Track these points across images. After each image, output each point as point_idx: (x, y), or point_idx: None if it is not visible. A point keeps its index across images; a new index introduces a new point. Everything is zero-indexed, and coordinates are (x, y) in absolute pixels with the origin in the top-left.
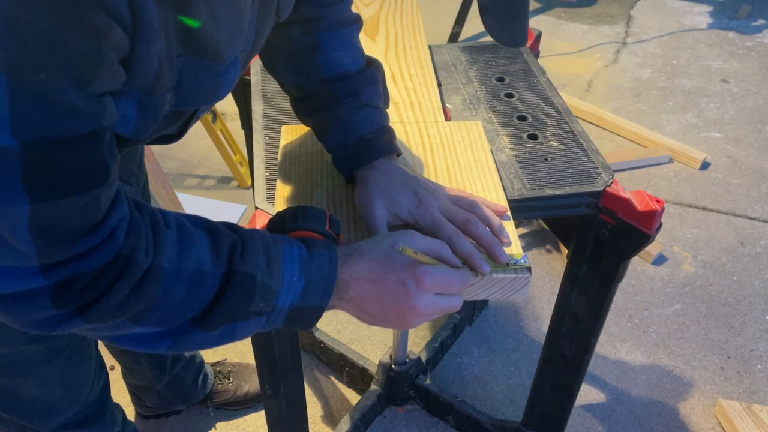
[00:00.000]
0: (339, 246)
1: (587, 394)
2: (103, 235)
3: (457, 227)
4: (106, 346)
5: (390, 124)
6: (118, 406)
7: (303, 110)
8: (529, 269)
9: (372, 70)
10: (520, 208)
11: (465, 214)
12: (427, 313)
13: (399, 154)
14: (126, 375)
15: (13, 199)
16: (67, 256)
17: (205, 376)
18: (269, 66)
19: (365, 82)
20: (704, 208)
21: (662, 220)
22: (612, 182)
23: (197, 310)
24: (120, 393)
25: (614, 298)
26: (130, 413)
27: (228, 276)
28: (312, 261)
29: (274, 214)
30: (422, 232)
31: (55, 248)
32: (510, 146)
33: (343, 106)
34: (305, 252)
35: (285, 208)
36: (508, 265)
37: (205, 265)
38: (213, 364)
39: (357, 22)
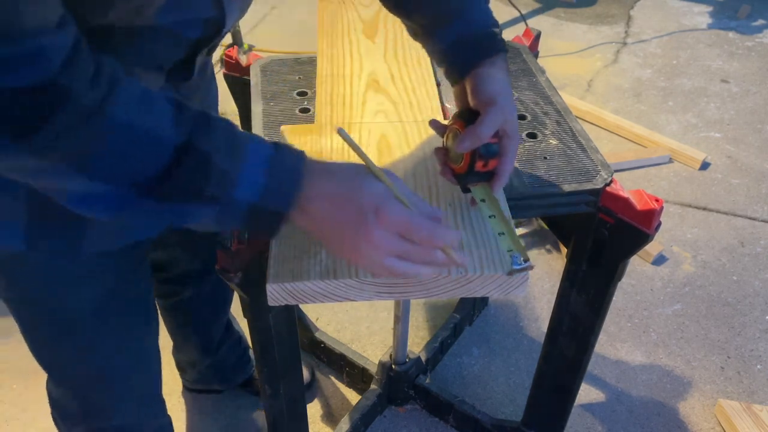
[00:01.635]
0: (311, 159)
1: (587, 394)
2: (28, 48)
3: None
4: (165, 323)
5: (391, 123)
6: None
7: (412, 4)
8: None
9: None
10: (520, 207)
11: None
12: (380, 248)
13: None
14: (174, 351)
15: None
16: None
17: (248, 360)
18: None
19: None
20: (704, 208)
21: (662, 220)
22: (611, 181)
23: (148, 175)
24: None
25: (614, 298)
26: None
27: (185, 149)
28: (278, 162)
29: None
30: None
31: None
32: None
33: None
34: (273, 152)
35: None
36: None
37: (164, 130)
38: None
39: None
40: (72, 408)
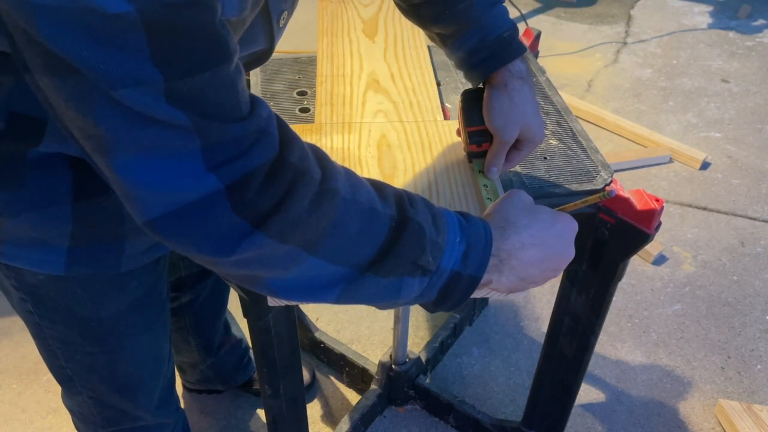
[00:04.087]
0: (488, 219)
1: (587, 394)
2: (256, 123)
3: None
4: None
5: (391, 123)
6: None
7: (429, 16)
8: None
9: None
10: None
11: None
12: (572, 257)
13: (525, 50)
14: (174, 353)
15: (148, 74)
16: (225, 136)
17: (249, 361)
18: None
19: None
20: (704, 208)
21: (662, 220)
22: (611, 181)
23: (372, 251)
24: None
25: (614, 298)
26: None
27: (400, 221)
28: (470, 226)
29: None
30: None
31: (211, 125)
32: None
33: (474, 6)
34: (462, 217)
35: None
36: None
37: (376, 204)
38: None
39: None
40: (92, 414)
